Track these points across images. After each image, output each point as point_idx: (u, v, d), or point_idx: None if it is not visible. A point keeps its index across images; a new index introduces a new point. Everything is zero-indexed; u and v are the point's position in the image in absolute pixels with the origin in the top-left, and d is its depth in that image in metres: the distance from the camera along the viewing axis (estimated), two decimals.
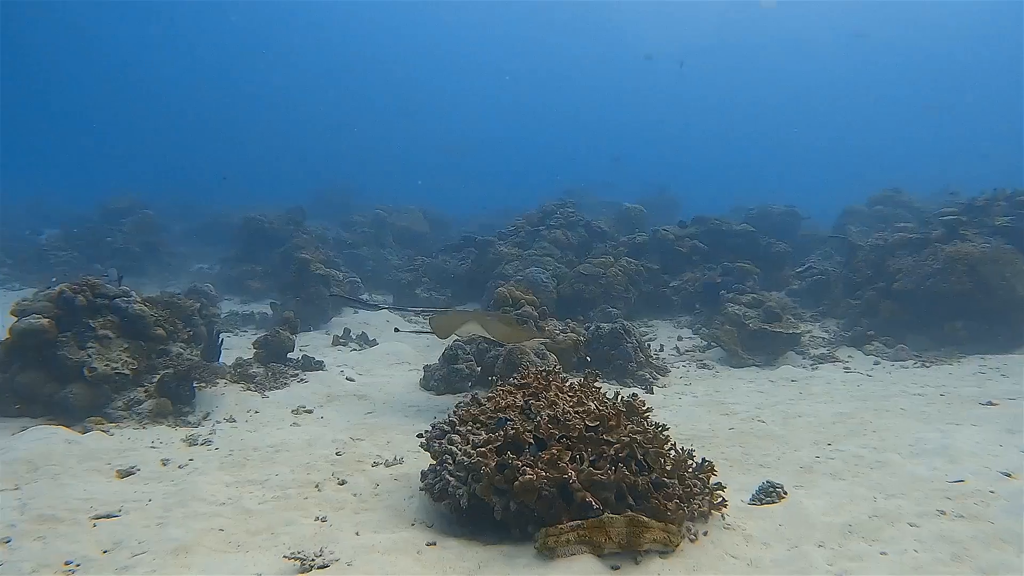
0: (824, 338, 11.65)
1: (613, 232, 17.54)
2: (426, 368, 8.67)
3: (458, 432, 4.53)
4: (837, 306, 12.90)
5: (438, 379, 8.39)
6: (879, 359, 10.27)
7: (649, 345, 10.43)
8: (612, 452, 4.01)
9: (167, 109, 78.42)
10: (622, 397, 4.87)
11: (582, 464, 3.91)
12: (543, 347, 8.68)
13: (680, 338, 11.85)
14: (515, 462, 3.89)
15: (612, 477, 3.85)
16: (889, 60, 72.15)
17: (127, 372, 6.61)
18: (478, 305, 13.34)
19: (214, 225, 24.85)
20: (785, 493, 4.60)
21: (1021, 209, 12.44)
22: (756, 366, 9.93)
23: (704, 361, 10.14)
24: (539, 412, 4.35)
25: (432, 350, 9.67)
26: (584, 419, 4.23)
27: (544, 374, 4.92)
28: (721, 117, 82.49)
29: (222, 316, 12.86)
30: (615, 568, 3.58)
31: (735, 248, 15.70)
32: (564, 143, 77.47)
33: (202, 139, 72.61)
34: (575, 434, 4.11)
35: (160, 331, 7.20)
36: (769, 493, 4.59)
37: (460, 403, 5.00)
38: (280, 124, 77.90)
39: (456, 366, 8.38)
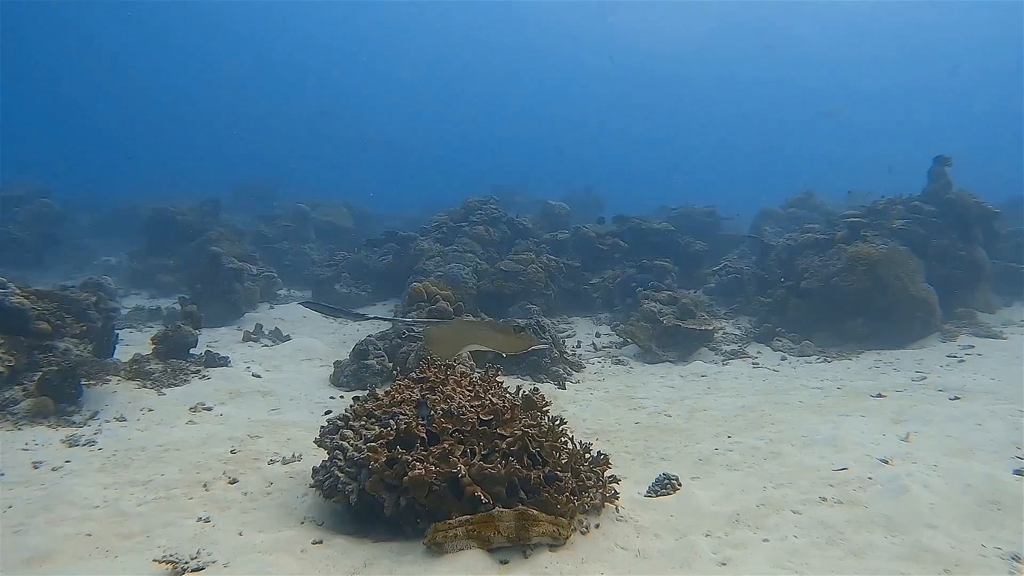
0: (736, 335, 11.99)
1: (537, 229, 17.61)
2: (336, 364, 8.47)
3: (351, 427, 4.41)
4: (750, 303, 13.29)
5: (348, 375, 8.20)
6: (786, 355, 10.64)
7: (565, 341, 10.51)
8: (504, 446, 3.97)
9: (83, 98, 74.70)
10: (523, 392, 4.85)
11: (473, 458, 3.87)
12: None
13: (598, 335, 11.97)
14: (405, 457, 3.81)
15: (503, 471, 3.81)
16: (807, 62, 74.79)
17: (1, 369, 6.17)
18: (397, 301, 13.14)
19: (125, 216, 23.68)
20: (679, 485, 4.68)
21: (916, 213, 13.12)
22: (670, 362, 10.13)
23: (619, 357, 10.27)
24: (434, 406, 4.28)
25: (347, 346, 9.46)
26: (479, 413, 4.18)
27: (442, 368, 4.85)
28: (658, 119, 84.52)
29: (126, 311, 12.26)
30: (504, 562, 3.55)
31: (656, 246, 15.99)
32: (497, 140, 77.54)
33: (118, 130, 69.15)
34: (468, 428, 4.06)
35: (44, 325, 6.77)
36: (664, 485, 4.66)
37: (357, 398, 4.88)
38: (201, 116, 74.82)
39: (367, 362, 8.22)
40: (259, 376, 8.31)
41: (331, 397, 7.74)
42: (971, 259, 13.15)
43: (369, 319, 9.14)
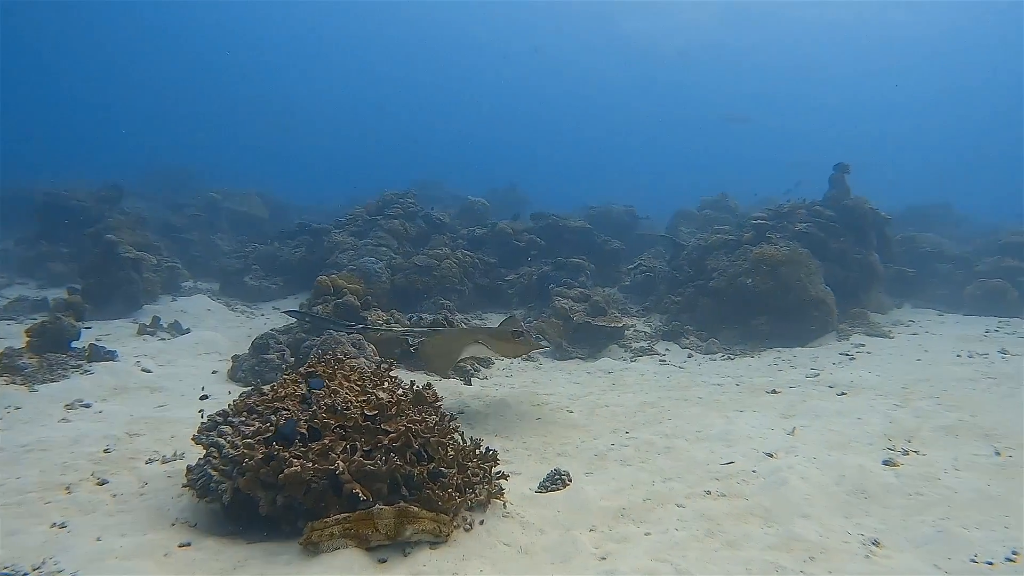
0: (646, 332, 12.20)
1: (455, 225, 17.50)
2: (235, 358, 8.14)
3: (230, 423, 4.21)
4: (662, 302, 13.57)
5: (247, 370, 7.89)
6: (693, 352, 10.90)
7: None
8: (387, 442, 3.86)
9: None
10: (416, 387, 4.74)
11: (353, 455, 3.74)
12: (362, 338, 8.42)
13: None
14: (283, 454, 3.65)
15: (384, 468, 3.71)
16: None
17: None
18: (308, 295, 12.77)
19: (14, 201, 22.07)
20: (570, 480, 4.69)
21: (817, 217, 13.71)
22: (579, 358, 10.22)
23: (530, 354, 10.28)
24: (318, 401, 4.13)
25: (250, 340, 9.10)
26: (363, 408, 4.06)
27: (331, 362, 4.69)
28: (587, 119, 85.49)
29: (5, 301, 11.44)
30: (382, 561, 3.45)
31: (573, 244, 16.15)
32: (423, 134, 76.80)
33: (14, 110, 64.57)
34: (352, 424, 3.93)
35: None
36: (555, 481, 4.65)
37: (242, 392, 4.67)
38: (109, 98, 70.64)
39: (266, 356, 7.93)
40: (149, 371, 7.88)
41: (229, 392, 7.40)
42: (865, 262, 13.84)
43: (368, 330, 8.77)
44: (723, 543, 3.71)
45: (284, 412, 4.05)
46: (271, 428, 3.87)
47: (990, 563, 3.39)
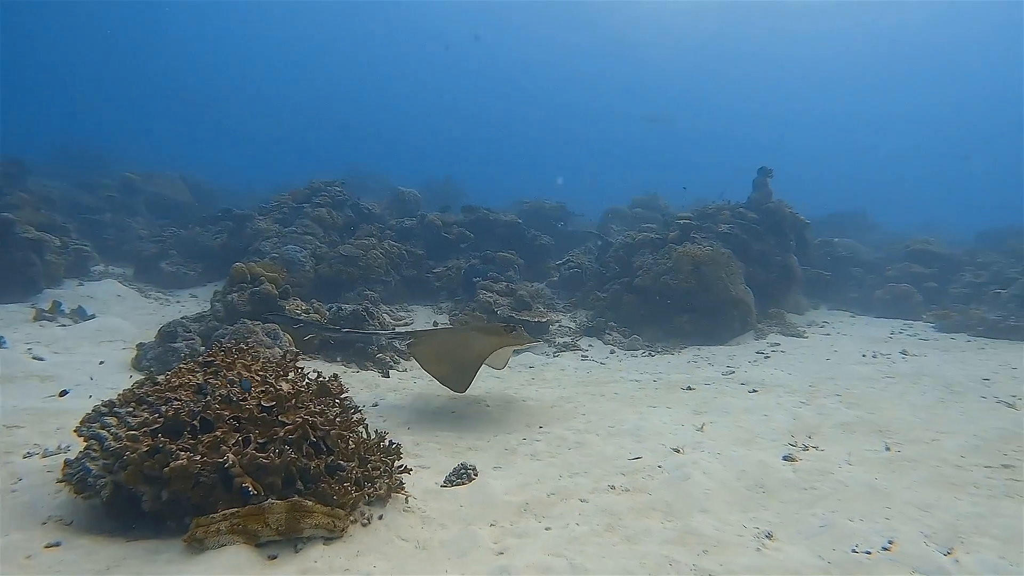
0: (571, 328, 12.28)
1: (385, 215, 17.24)
2: (140, 347, 7.75)
3: (116, 414, 3.97)
4: (588, 298, 13.69)
5: (152, 358, 7.53)
6: (615, 348, 11.03)
7: (396, 329, 10.28)
8: (283, 434, 3.71)
9: None
10: (322, 378, 4.59)
11: (246, 447, 3.58)
12: (278, 328, 8.16)
13: (435, 323, 11.84)
14: (169, 446, 3.46)
15: (278, 460, 3.57)
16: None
17: None
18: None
19: None
20: (476, 474, 4.63)
21: (740, 219, 14.09)
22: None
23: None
24: (214, 391, 3.94)
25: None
26: (260, 399, 3.89)
27: (230, 351, 4.48)
28: (525, 116, 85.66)
29: None
30: (272, 557, 3.31)
31: (503, 238, 16.15)
32: (357, 123, 75.44)
33: None
34: (247, 415, 3.76)
35: None
36: (461, 475, 4.59)
37: (136, 382, 4.42)
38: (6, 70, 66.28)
39: (174, 344, 7.59)
40: (42, 359, 7.43)
41: (131, 379, 7.05)
42: (785, 264, 14.31)
43: (358, 334, 8.40)
44: (622, 538, 3.72)
45: (175, 403, 3.84)
46: (160, 419, 3.67)
47: (868, 552, 3.50)
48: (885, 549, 3.54)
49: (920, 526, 3.85)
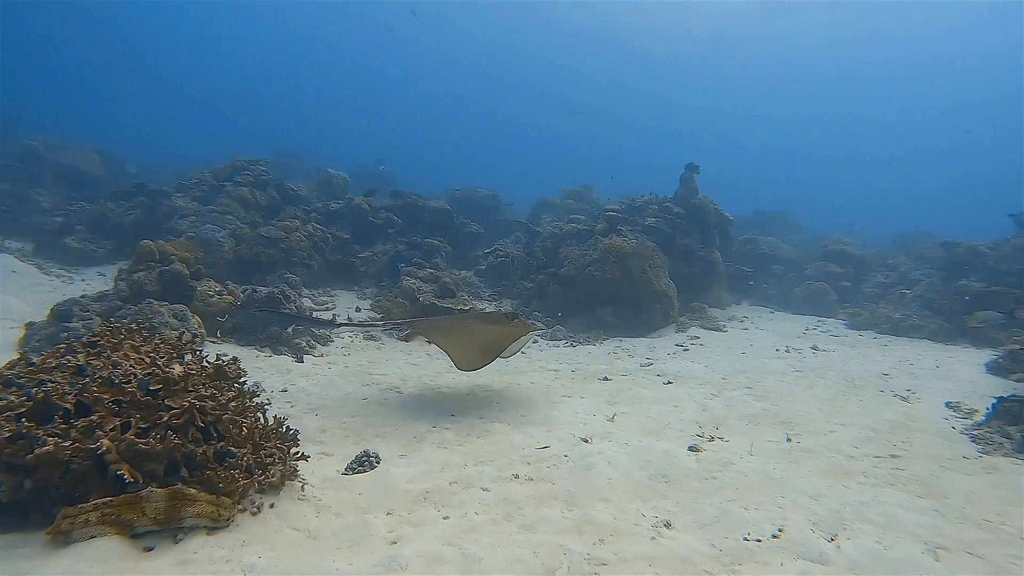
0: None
1: (311, 198, 16.78)
2: (29, 326, 7.28)
3: None
4: (514, 287, 13.67)
5: (43, 339, 7.07)
6: (538, 338, 11.03)
7: (313, 313, 10.02)
8: (167, 418, 3.52)
9: None
10: (220, 361, 4.39)
11: (125, 432, 3.38)
12: (186, 310, 7.83)
13: (358, 309, 11.61)
14: (35, 431, 3.23)
15: (160, 446, 3.38)
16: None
17: None
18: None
19: None
20: (378, 462, 4.53)
21: (666, 213, 14.32)
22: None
23: (373, 333, 10.00)
24: (95, 373, 3.70)
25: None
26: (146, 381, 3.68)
27: (118, 330, 4.23)
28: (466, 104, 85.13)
29: None
30: (148, 549, 3.15)
31: (431, 224, 15.97)
32: (289, 103, 73.57)
33: None
34: (128, 398, 3.55)
35: None
36: (362, 462, 4.48)
37: (7, 362, 4.12)
38: None
39: (70, 324, 7.16)
40: None
41: None
42: (708, 259, 14.62)
43: (354, 326, 7.90)
44: (520, 527, 3.69)
45: (49, 385, 3.60)
46: (28, 403, 3.43)
47: (758, 540, 3.58)
48: (775, 537, 3.63)
49: (809, 514, 3.96)
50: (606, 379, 7.78)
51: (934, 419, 6.55)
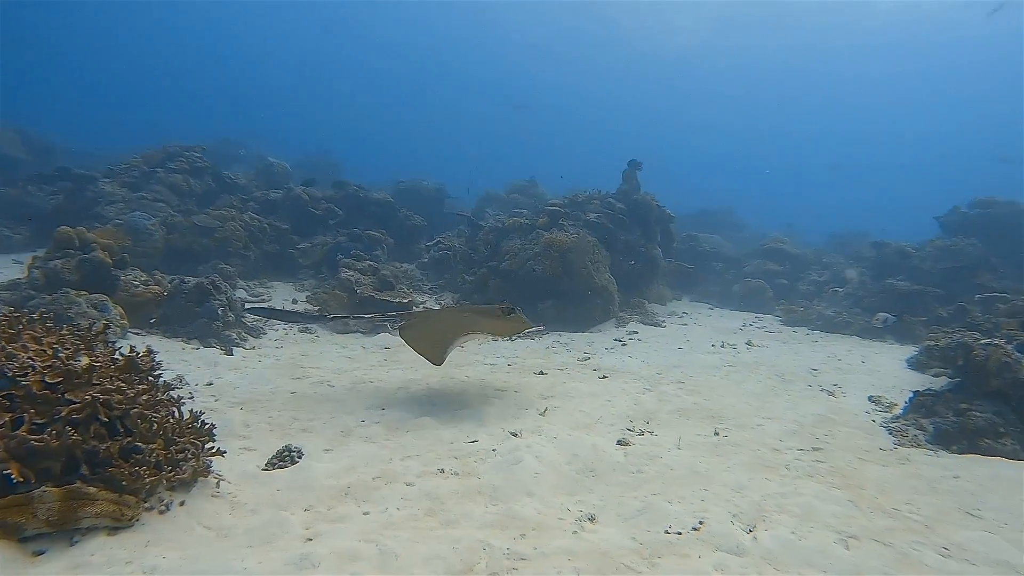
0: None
1: (250, 187, 16.34)
2: None
3: None
4: (455, 280, 13.57)
5: None
6: None
7: (244, 304, 9.74)
8: (66, 413, 3.33)
9: None
10: (134, 353, 4.18)
11: (17, 428, 3.18)
12: (108, 300, 7.50)
13: (295, 301, 11.34)
14: None
15: (57, 443, 3.19)
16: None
17: None
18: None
19: None
20: (300, 457, 4.40)
21: (609, 209, 14.42)
22: (361, 332, 9.87)
23: (309, 326, 9.77)
24: None
25: None
26: (45, 375, 3.47)
27: (16, 319, 3.99)
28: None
29: None
30: (39, 553, 2.96)
31: (374, 216, 15.73)
32: (230, 90, 71.54)
33: None
34: (22, 393, 3.34)
35: None
36: (284, 457, 4.35)
37: None
38: None
39: None
40: None
41: None
42: (650, 255, 14.81)
43: (346, 318, 7.48)
44: (441, 522, 3.63)
45: None
46: None
47: (679, 533, 3.60)
48: (695, 529, 3.65)
49: (731, 506, 4.01)
50: (542, 373, 7.77)
51: (856, 413, 6.74)
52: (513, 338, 7.41)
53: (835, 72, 69.80)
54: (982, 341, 6.35)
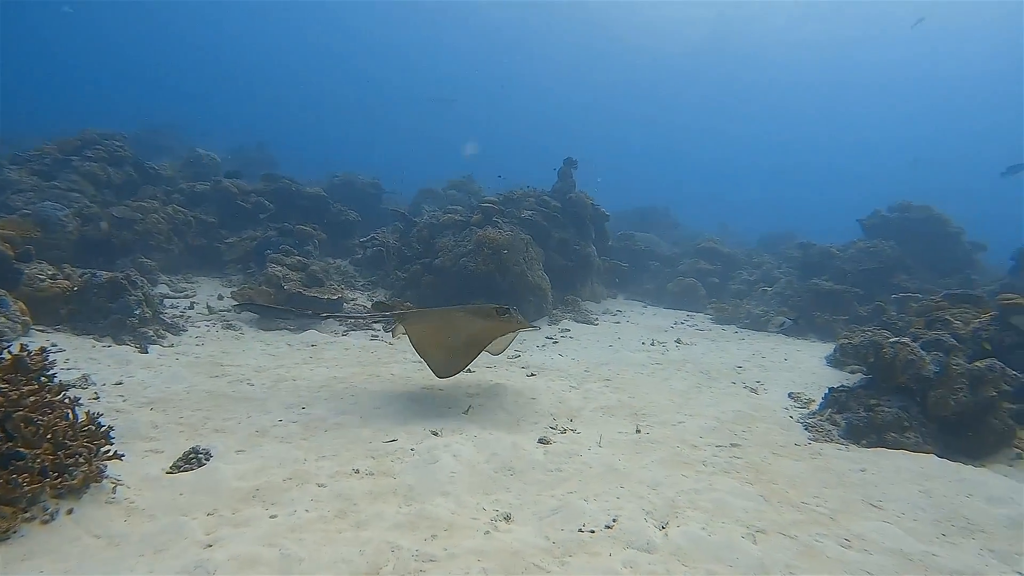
0: (367, 306, 11.90)
1: (176, 178, 15.73)
2: None
3: None
4: (388, 277, 13.37)
5: None
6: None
7: (163, 300, 9.37)
8: None
9: None
10: (25, 352, 3.93)
11: None
12: (7, 295, 7.08)
13: (220, 297, 10.96)
14: None
15: None
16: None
17: None
18: None
19: None
20: (208, 459, 4.23)
21: (544, 206, 14.47)
22: (288, 329, 9.61)
23: (233, 322, 9.45)
24: None
25: None
26: None
27: None
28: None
29: None
30: None
31: (306, 211, 15.35)
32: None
33: None
34: None
35: None
36: (190, 460, 4.17)
37: None
38: None
39: None
40: None
41: None
42: (583, 253, 14.90)
43: (339, 317, 7.00)
44: (351, 524, 3.53)
45: None
46: None
47: (592, 531, 3.59)
48: (608, 527, 3.65)
49: (645, 503, 4.03)
50: (468, 371, 7.69)
51: (776, 409, 6.92)
52: (505, 351, 7.12)
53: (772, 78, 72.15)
54: (891, 339, 6.58)
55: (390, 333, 9.59)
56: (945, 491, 4.71)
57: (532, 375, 7.66)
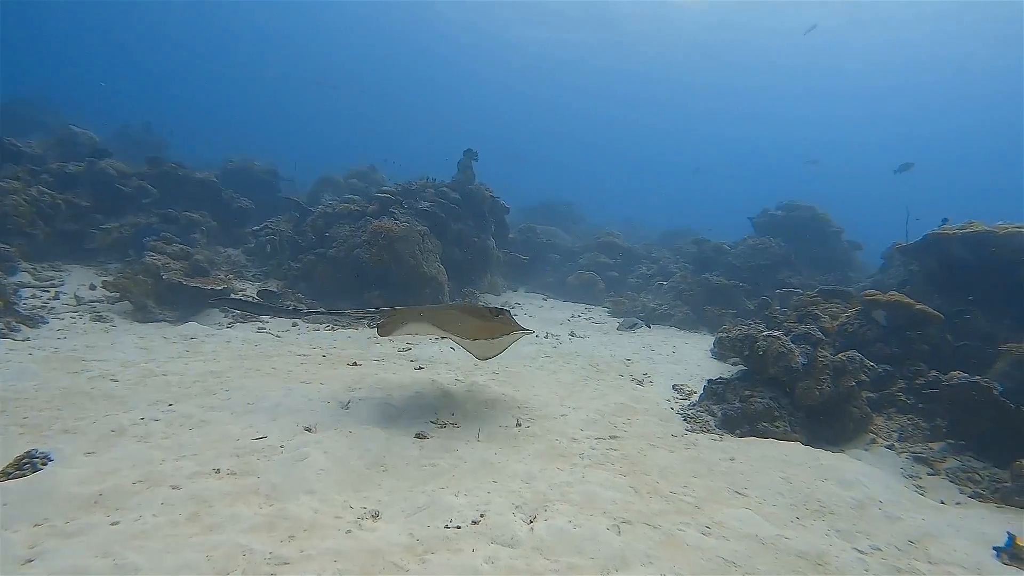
0: (255, 296, 11.44)
1: (47, 157, 14.58)
2: None
3: None
4: (281, 267, 12.91)
5: None
6: (298, 321, 10.45)
7: (18, 290, 8.66)
8: None
9: None
10: None
11: None
12: None
13: (93, 287, 10.24)
14: None
15: None
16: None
17: None
18: None
19: None
20: (46, 463, 3.91)
21: (443, 198, 14.33)
22: (167, 322, 9.09)
23: (104, 314, 8.85)
24: None
25: None
26: None
27: None
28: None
29: None
30: None
31: (194, 197, 14.63)
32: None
33: None
34: None
35: None
36: (23, 465, 3.85)
37: None
38: None
39: None
40: None
41: None
42: (482, 245, 14.88)
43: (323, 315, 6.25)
44: (203, 527, 3.33)
45: None
46: None
47: (458, 527, 3.55)
48: (475, 523, 3.61)
49: (516, 498, 4.01)
50: (356, 364, 7.52)
51: (658, 401, 7.12)
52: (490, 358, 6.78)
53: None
54: (764, 333, 6.89)
55: (375, 330, 9.19)
56: (804, 477, 4.96)
57: (420, 368, 7.56)
